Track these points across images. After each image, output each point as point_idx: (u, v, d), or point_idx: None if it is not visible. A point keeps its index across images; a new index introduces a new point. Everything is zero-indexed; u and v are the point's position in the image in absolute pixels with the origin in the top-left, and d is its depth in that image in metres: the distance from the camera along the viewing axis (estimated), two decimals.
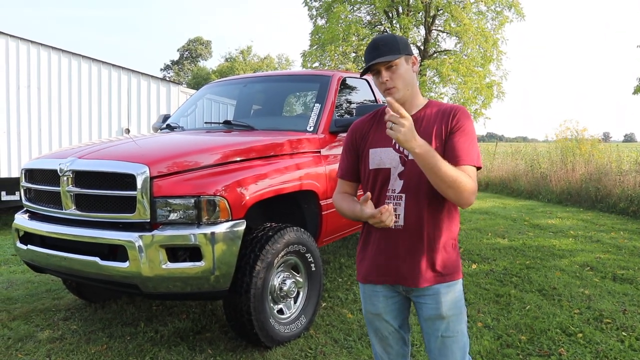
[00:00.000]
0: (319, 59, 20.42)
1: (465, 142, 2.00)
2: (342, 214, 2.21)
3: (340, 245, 7.04)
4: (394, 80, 2.05)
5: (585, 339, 3.82)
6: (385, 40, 2.07)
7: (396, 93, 2.06)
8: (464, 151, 1.98)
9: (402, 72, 2.06)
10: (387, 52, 2.03)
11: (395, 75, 2.05)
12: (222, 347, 3.75)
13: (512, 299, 4.74)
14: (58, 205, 3.59)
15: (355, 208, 2.07)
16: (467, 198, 1.94)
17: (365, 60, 2.08)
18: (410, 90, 2.11)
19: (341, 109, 5.06)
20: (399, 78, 2.06)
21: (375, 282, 2.17)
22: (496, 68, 19.63)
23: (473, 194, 1.95)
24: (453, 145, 1.99)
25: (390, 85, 2.05)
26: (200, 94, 6.02)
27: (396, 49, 2.04)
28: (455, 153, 1.97)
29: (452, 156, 1.96)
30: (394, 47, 2.04)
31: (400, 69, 2.06)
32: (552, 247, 6.96)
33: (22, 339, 3.93)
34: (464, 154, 1.97)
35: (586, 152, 12.89)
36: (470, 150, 1.99)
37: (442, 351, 2.13)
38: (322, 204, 4.25)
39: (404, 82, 2.07)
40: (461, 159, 1.96)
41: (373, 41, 2.09)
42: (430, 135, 2.03)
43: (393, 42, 2.06)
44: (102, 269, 3.32)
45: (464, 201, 1.95)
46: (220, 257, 3.28)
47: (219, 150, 3.74)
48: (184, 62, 62.77)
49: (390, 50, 2.03)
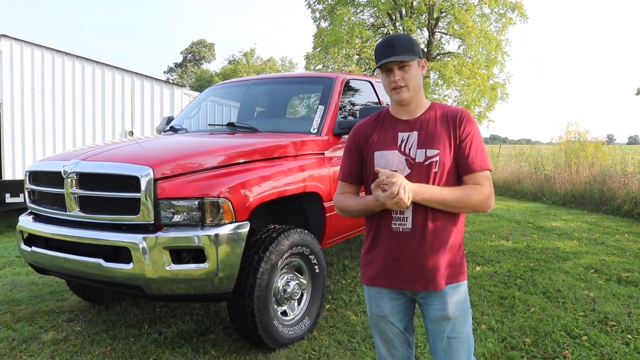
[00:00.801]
0: (323, 61, 20.42)
1: (475, 149, 2.06)
2: (349, 211, 2.21)
3: (344, 247, 7.03)
4: (405, 80, 2.06)
5: (590, 342, 3.80)
6: (401, 40, 2.07)
7: (405, 93, 2.07)
8: (475, 158, 2.06)
9: (414, 73, 2.08)
10: (403, 51, 2.03)
11: (407, 76, 2.06)
12: (226, 349, 3.75)
13: (516, 301, 4.72)
14: (62, 207, 3.60)
15: (366, 200, 2.08)
16: (484, 207, 2.05)
17: (378, 56, 2.08)
18: (417, 93, 2.12)
19: (345, 111, 5.06)
20: (410, 79, 2.07)
21: (381, 285, 2.16)
22: (500, 70, 19.60)
23: (489, 199, 2.05)
24: (464, 154, 2.05)
25: (402, 84, 2.06)
26: (204, 96, 6.03)
27: (411, 50, 2.06)
28: (467, 161, 2.05)
29: (464, 165, 2.05)
30: (409, 47, 2.06)
31: (412, 70, 2.07)
32: (556, 249, 6.94)
33: (26, 340, 3.94)
34: (476, 161, 2.05)
35: (590, 154, 12.87)
36: (480, 156, 2.07)
37: (447, 352, 2.13)
38: (326, 206, 4.24)
39: (414, 84, 2.08)
40: (474, 166, 2.05)
41: (388, 39, 2.09)
42: (438, 139, 2.05)
43: (408, 42, 2.08)
44: (106, 271, 3.32)
45: (482, 209, 2.07)
46: (224, 259, 3.28)
47: (222, 152, 3.74)
48: (188, 65, 62.88)
49: (405, 50, 2.04)
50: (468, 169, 2.04)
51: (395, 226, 2.07)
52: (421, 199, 1.95)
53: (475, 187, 2.02)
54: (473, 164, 2.04)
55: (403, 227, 2.05)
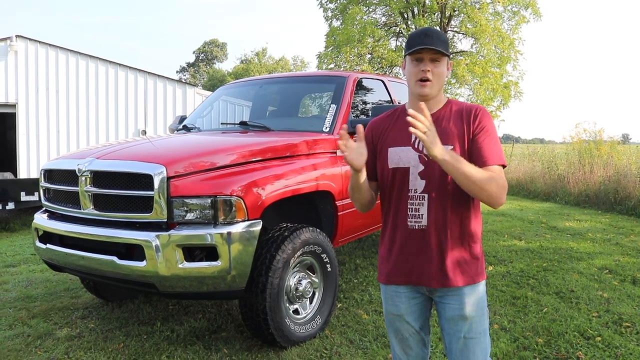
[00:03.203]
0: (335, 60, 20.42)
1: (489, 143, 2.02)
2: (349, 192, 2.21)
3: (356, 246, 7.03)
4: (433, 74, 2.05)
5: (604, 343, 3.77)
6: (439, 34, 2.06)
7: (429, 87, 2.05)
8: (489, 152, 2.01)
9: (442, 70, 2.07)
10: (439, 44, 2.02)
11: (436, 70, 2.05)
12: (238, 347, 3.77)
13: (529, 301, 4.69)
14: (76, 205, 3.63)
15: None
16: (498, 199, 1.97)
17: (413, 42, 2.04)
18: (439, 91, 2.11)
19: (357, 110, 5.06)
20: (438, 75, 2.06)
21: (398, 283, 2.15)
22: (513, 68, 19.48)
23: (503, 192, 1.98)
24: (479, 147, 2.01)
25: (430, 77, 2.04)
26: (216, 95, 6.05)
27: (446, 46, 2.05)
28: (481, 154, 2.00)
29: (478, 157, 2.00)
30: (445, 43, 2.05)
31: (442, 67, 2.07)
32: (569, 249, 6.89)
33: (41, 337, 3.98)
34: (490, 155, 2.00)
35: (605, 153, 12.73)
36: (495, 150, 2.02)
37: (463, 353, 2.11)
38: (338, 205, 4.24)
39: (439, 81, 2.07)
40: (488, 160, 1.99)
41: (426, 29, 2.08)
42: (452, 135, 2.04)
43: (445, 38, 2.07)
44: (120, 268, 3.35)
45: (496, 201, 1.97)
46: (236, 257, 3.29)
47: (235, 150, 3.75)
48: (200, 65, 63.12)
49: (441, 43, 2.03)
50: (482, 161, 1.99)
51: (411, 223, 2.07)
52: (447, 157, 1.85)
53: (497, 176, 1.96)
54: (488, 157, 1.99)
55: (419, 224, 2.05)
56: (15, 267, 6.24)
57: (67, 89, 12.24)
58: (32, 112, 11.93)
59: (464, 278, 2.06)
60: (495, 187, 1.93)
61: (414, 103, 2.12)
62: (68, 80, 12.27)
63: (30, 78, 11.93)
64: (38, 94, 11.97)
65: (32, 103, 11.93)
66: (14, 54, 11.74)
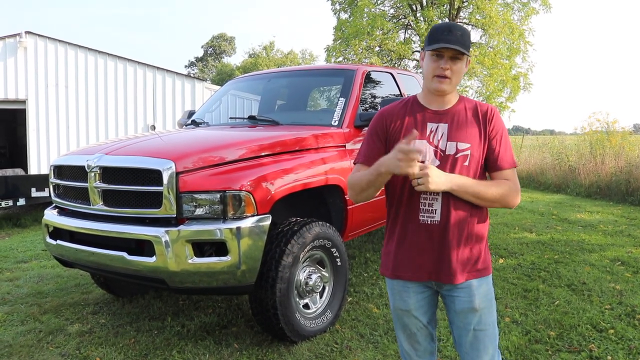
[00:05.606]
0: (343, 53, 20.37)
1: (503, 147, 2.10)
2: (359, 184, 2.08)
3: (366, 239, 7.01)
4: (452, 72, 2.02)
5: (617, 335, 3.74)
6: (463, 31, 2.02)
7: (446, 84, 2.03)
8: (503, 157, 2.09)
9: (461, 68, 2.05)
10: (462, 43, 1.99)
11: (455, 68, 2.02)
12: (248, 342, 3.77)
13: (540, 294, 4.66)
14: (86, 201, 3.64)
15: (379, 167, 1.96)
16: (512, 203, 2.08)
17: (435, 38, 2.00)
18: (455, 87, 2.09)
19: (366, 103, 5.03)
20: (456, 73, 2.04)
21: (406, 278, 2.13)
22: (522, 60, 19.35)
23: (518, 195, 2.09)
24: (494, 152, 2.09)
25: (448, 74, 2.01)
26: (225, 89, 6.04)
27: (467, 46, 2.02)
28: (496, 158, 2.08)
29: (493, 162, 2.09)
30: (467, 42, 2.02)
31: (461, 65, 2.04)
32: (581, 241, 6.83)
33: (52, 332, 4.00)
34: (504, 159, 2.09)
35: (616, 144, 12.59)
36: (508, 155, 2.10)
37: (474, 345, 2.12)
38: (348, 199, 4.22)
39: (457, 79, 2.05)
40: (503, 164, 2.08)
41: (450, 24, 2.05)
42: (469, 134, 2.05)
43: (467, 36, 2.03)
44: (130, 264, 3.35)
45: (510, 205, 2.10)
46: (246, 252, 3.28)
47: (244, 145, 3.74)
48: (208, 59, 63.19)
49: (464, 42, 2.00)
50: (497, 166, 2.08)
51: (424, 218, 2.04)
52: (457, 187, 1.96)
53: (508, 185, 2.06)
54: (502, 161, 2.08)
55: (432, 220, 2.03)
56: (26, 262, 6.28)
57: (76, 85, 12.28)
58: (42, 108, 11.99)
59: (475, 272, 2.07)
60: (508, 197, 2.06)
61: (428, 97, 2.13)
62: (77, 76, 12.31)
63: (39, 74, 11.98)
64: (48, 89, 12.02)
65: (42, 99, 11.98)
66: (23, 50, 11.79)
